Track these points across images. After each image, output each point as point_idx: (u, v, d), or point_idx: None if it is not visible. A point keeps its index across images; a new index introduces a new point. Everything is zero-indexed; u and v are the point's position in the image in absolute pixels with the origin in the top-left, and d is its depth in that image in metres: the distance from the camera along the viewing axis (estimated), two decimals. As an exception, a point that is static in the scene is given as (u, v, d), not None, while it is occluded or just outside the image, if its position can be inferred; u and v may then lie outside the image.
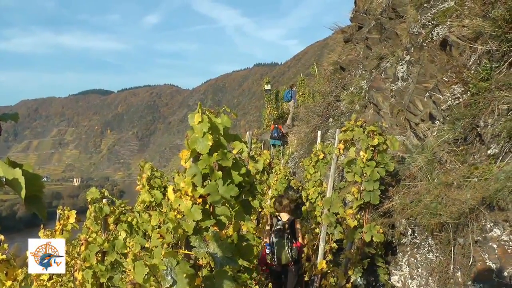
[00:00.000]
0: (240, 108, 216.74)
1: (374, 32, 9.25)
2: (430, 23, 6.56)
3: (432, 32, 6.30)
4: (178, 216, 2.52)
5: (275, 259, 5.69)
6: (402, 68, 7.34)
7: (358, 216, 5.44)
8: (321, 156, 8.40)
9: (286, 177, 10.55)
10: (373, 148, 5.39)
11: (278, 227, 5.75)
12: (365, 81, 9.31)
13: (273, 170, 9.83)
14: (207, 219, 2.47)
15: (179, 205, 2.45)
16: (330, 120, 10.97)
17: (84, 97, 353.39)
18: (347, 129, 5.75)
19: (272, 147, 16.87)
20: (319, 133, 9.25)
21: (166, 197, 5.08)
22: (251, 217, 7.18)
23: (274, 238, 5.71)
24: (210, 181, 2.47)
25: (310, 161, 8.54)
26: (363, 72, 9.65)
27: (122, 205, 4.61)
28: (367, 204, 5.39)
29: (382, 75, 8.07)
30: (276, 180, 10.00)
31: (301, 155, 13.05)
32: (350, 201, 5.58)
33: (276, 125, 17.81)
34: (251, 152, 6.17)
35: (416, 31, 6.90)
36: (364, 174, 5.39)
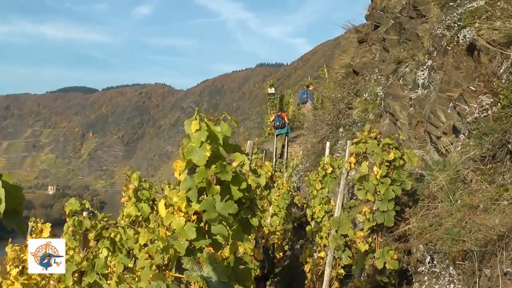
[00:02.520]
0: (239, 113, 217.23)
1: (392, 32, 9.29)
2: (456, 24, 6.58)
3: (458, 35, 6.32)
4: (169, 233, 2.51)
5: None
6: (423, 74, 7.37)
7: (370, 239, 5.43)
8: (329, 170, 8.39)
9: (290, 193, 10.55)
10: (388, 164, 5.40)
11: None
12: (380, 87, 9.33)
13: (275, 184, 9.82)
14: (201, 238, 2.47)
15: (171, 222, 2.45)
16: (341, 130, 11.00)
17: (64, 95, 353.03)
18: (359, 141, 5.75)
19: (274, 161, 16.90)
20: (327, 144, 9.22)
21: (154, 212, 5.07)
22: (249, 237, 7.16)
23: None
24: (207, 196, 2.48)
25: (317, 176, 8.54)
26: (379, 77, 9.67)
27: (105, 219, 4.58)
28: (380, 226, 5.38)
29: (400, 81, 8.10)
30: (278, 195, 9.99)
31: (306, 168, 13.05)
32: (361, 222, 5.58)
33: (279, 113, 17.85)
34: (252, 164, 6.17)
35: (440, 33, 6.92)
36: (378, 193, 5.38)
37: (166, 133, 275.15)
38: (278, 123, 17.34)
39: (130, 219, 5.25)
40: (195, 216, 2.50)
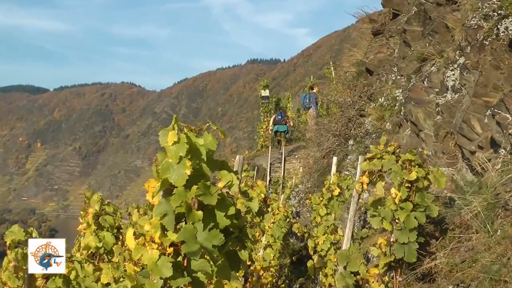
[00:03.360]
0: (225, 120, 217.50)
1: (415, 22, 9.35)
2: (495, 14, 6.58)
3: (498, 27, 6.33)
4: (138, 270, 2.50)
5: None
6: (454, 74, 7.40)
7: (387, 278, 5.43)
8: (336, 192, 8.42)
9: (287, 219, 10.55)
10: (409, 185, 5.44)
11: None
12: (400, 90, 9.37)
13: (269, 209, 9.81)
14: (179, 276, 2.47)
15: (142, 255, 2.44)
16: (351, 142, 11.07)
17: (4, 96, 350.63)
18: (373, 156, 5.82)
19: (268, 179, 16.93)
20: (334, 159, 9.23)
21: (120, 243, 5.04)
22: (238, 274, 7.13)
23: None
24: (186, 224, 2.49)
25: (321, 198, 8.56)
26: (398, 77, 9.72)
27: (57, 251, 4.54)
28: (400, 262, 5.39)
29: (425, 83, 8.14)
30: (273, 222, 9.99)
31: (308, 189, 13.08)
32: (375, 256, 5.59)
33: (281, 110, 18.19)
34: (241, 184, 6.17)
35: (475, 24, 6.94)
36: (396, 220, 5.42)
37: (134, 145, 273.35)
38: (279, 117, 17.59)
39: (89, 252, 5.21)
40: (171, 249, 2.50)
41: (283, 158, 18.21)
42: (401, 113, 8.84)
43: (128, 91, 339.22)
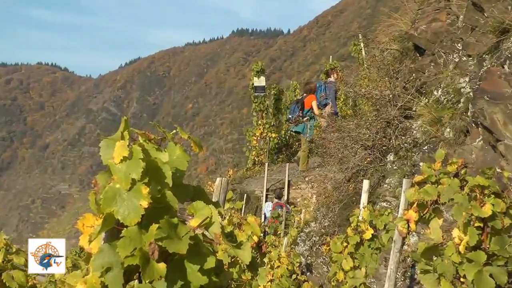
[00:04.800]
0: (199, 123, 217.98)
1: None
2: None
3: None
4: None
5: None
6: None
7: None
8: (369, 234, 8.42)
9: (293, 276, 10.46)
10: (481, 224, 5.39)
11: None
12: (467, 79, 9.39)
13: (266, 260, 9.75)
14: None
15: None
16: (390, 157, 11.19)
17: None
18: (425, 180, 5.81)
19: (263, 217, 16.99)
20: (365, 184, 9.20)
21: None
22: None
23: None
24: (141, 283, 2.47)
25: (345, 244, 8.59)
26: (464, 59, 9.73)
27: None
28: None
29: (505, 67, 8.12)
30: (272, 280, 9.90)
31: (324, 230, 13.08)
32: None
33: (303, 94, 18.13)
34: (223, 220, 6.10)
35: None
36: (462, 279, 5.38)
37: (57, 160, 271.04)
38: (296, 113, 17.75)
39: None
40: (117, 324, 2.48)
41: (286, 182, 18.21)
42: (469, 113, 8.87)
43: (48, 78, 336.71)
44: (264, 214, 18.06)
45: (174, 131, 2.65)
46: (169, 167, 2.50)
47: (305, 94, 18.37)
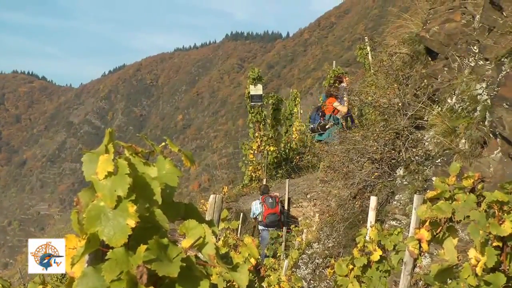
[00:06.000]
0: (190, 136, 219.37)
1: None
2: None
3: None
4: None
5: None
6: None
7: None
8: (377, 255, 8.40)
9: (294, 305, 10.48)
10: (500, 243, 5.27)
11: None
12: (484, 85, 9.51)
13: (264, 283, 9.62)
14: None
15: None
16: (400, 172, 11.26)
17: None
18: (439, 196, 5.70)
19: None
20: (372, 201, 9.12)
21: None
22: None
23: None
24: None
25: (351, 267, 8.60)
26: (481, 63, 9.83)
27: None
28: None
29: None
30: (270, 308, 9.91)
31: (328, 251, 13.27)
32: None
33: (326, 95, 18.16)
34: (218, 241, 5.94)
35: None
36: (479, 304, 5.31)
37: (35, 177, 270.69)
38: (318, 119, 17.97)
39: None
40: None
41: (286, 199, 18.20)
42: (486, 122, 8.88)
43: (24, 87, 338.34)
44: (254, 213, 18.06)
45: (164, 143, 2.55)
46: (158, 183, 2.38)
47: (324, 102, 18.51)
